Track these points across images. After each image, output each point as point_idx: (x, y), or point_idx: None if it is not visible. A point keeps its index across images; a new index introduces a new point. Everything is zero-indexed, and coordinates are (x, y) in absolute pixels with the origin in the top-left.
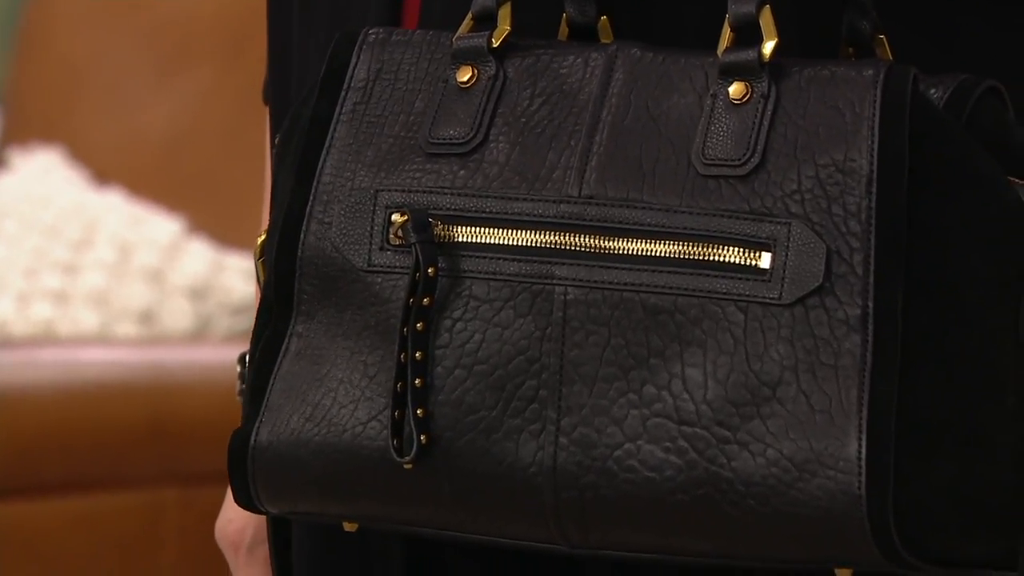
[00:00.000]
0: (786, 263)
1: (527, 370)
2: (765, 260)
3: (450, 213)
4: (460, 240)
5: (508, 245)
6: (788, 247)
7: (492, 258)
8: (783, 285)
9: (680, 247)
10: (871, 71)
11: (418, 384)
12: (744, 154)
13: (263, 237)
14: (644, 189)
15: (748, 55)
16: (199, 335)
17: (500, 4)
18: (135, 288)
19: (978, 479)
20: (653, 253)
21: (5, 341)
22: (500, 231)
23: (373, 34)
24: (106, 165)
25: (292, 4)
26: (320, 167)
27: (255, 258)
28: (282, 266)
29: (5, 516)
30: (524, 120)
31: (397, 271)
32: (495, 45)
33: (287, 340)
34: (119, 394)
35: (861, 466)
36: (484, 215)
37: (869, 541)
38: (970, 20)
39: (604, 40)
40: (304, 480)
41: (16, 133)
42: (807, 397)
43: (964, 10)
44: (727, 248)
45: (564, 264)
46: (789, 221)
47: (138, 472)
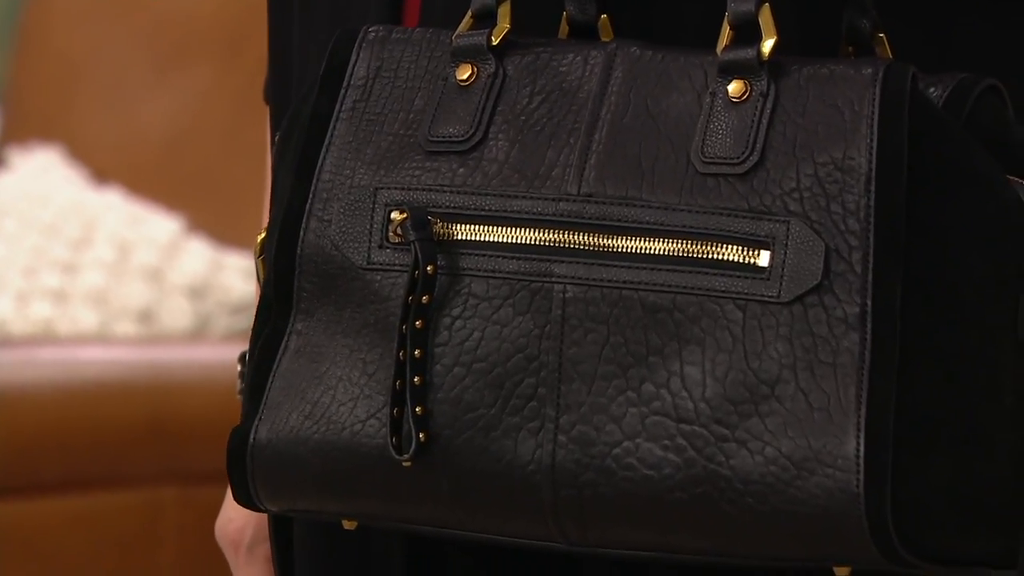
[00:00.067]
0: (785, 261)
1: (526, 368)
2: (764, 258)
3: (449, 211)
4: (459, 238)
5: (507, 243)
6: (787, 245)
7: (491, 256)
8: (782, 283)
9: (679, 245)
10: (870, 69)
11: (417, 382)
12: (743, 152)
13: (263, 235)
14: (643, 187)
15: (747, 53)
16: (198, 334)
17: (500, 2)
18: (134, 287)
19: (976, 478)
20: (652, 251)
21: (4, 340)
22: (499, 229)
23: (373, 32)
24: (105, 164)
25: (293, 4)
26: (320, 165)
27: (255, 256)
28: (281, 264)
29: (5, 515)
30: (523, 118)
31: (396, 269)
32: (495, 43)
33: (286, 338)
34: (118, 393)
35: (859, 464)
36: (483, 213)
37: (867, 539)
38: (969, 19)
39: (604, 38)
40: (303, 478)
41: (15, 132)
42: (805, 395)
43: (963, 9)
44: (726, 246)
45: (563, 262)
46: (788, 219)
47: (137, 471)
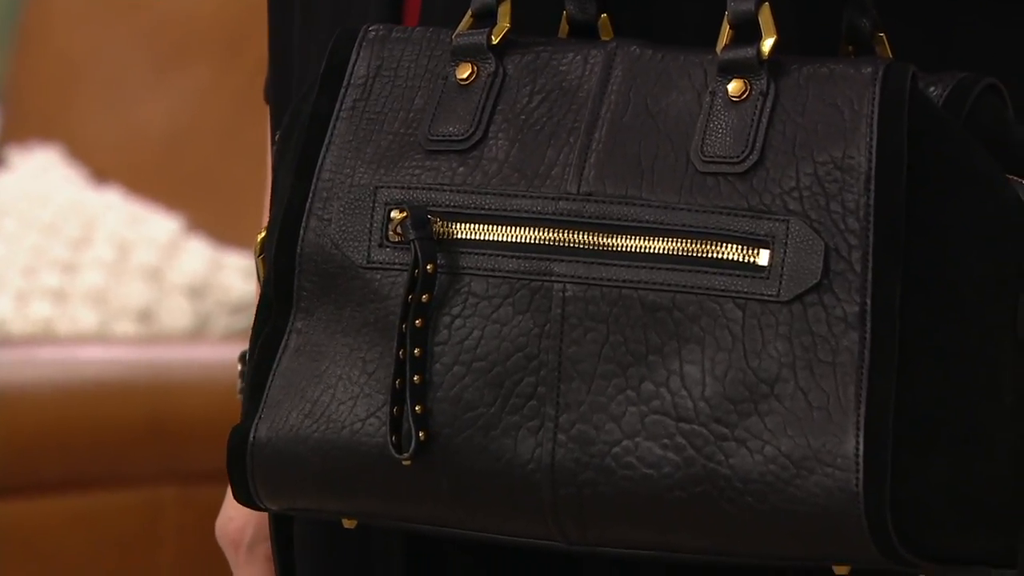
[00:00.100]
0: (784, 260)
1: (525, 367)
2: (763, 257)
3: (449, 210)
4: (459, 237)
5: (507, 242)
6: (786, 244)
7: (491, 255)
8: (781, 282)
9: (678, 244)
10: (870, 69)
11: (417, 381)
12: (743, 151)
13: (263, 234)
14: (643, 186)
15: (747, 52)
16: (198, 333)
17: (500, 1)
18: (134, 287)
19: (976, 477)
20: (651, 250)
21: (4, 340)
22: (499, 228)
23: (373, 31)
24: (105, 163)
25: (293, 4)
26: (320, 164)
27: (255, 255)
28: (281, 263)
29: (4, 515)
30: (523, 117)
31: (396, 268)
32: (495, 42)
33: (286, 337)
34: (118, 392)
35: (859, 463)
36: (483, 212)
37: (866, 538)
38: (969, 18)
39: (604, 38)
40: (303, 476)
41: (15, 131)
42: (805, 394)
43: (963, 8)
44: (725, 245)
45: (563, 261)
46: (787, 218)
47: (137, 470)
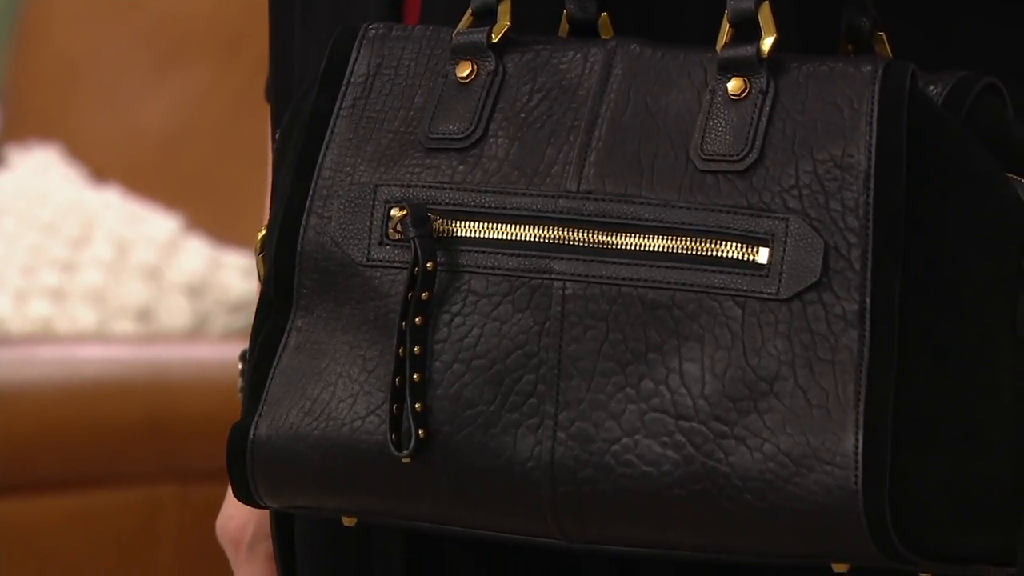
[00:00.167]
0: (784, 258)
1: (525, 365)
2: (763, 255)
3: (449, 208)
4: (459, 235)
5: (507, 240)
6: (786, 242)
7: (491, 253)
8: (781, 280)
9: (678, 242)
10: (869, 67)
11: (416, 378)
12: (742, 150)
13: (263, 232)
14: (642, 184)
15: (747, 51)
16: (197, 332)
17: (500, 0)
18: (133, 285)
19: (975, 475)
20: (651, 248)
21: (3, 339)
22: (499, 226)
23: (373, 29)
24: (104, 162)
25: (294, 3)
26: (320, 162)
27: (255, 253)
28: (282, 261)
29: (3, 513)
30: (523, 115)
31: (396, 266)
32: (495, 41)
33: (286, 335)
34: (117, 391)
35: (858, 461)
36: (483, 210)
37: (866, 536)
38: (969, 17)
39: (604, 36)
40: (303, 474)
41: (14, 130)
42: (804, 392)
43: (963, 7)
44: (725, 243)
45: (562, 259)
46: (787, 216)
47: (136, 469)
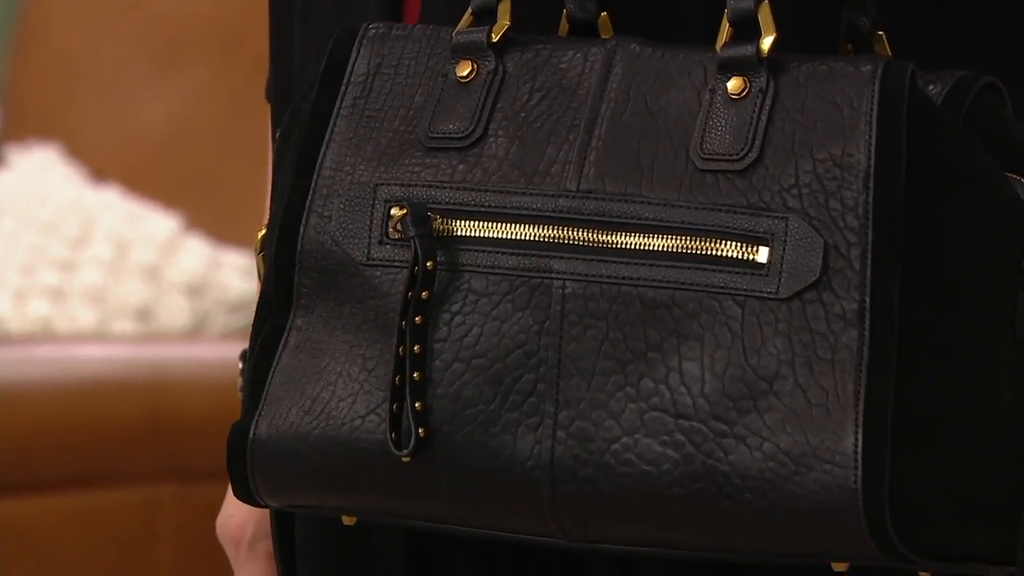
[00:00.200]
0: (783, 257)
1: (525, 364)
2: (763, 254)
3: (449, 207)
4: (459, 234)
5: (507, 239)
6: (785, 241)
7: (491, 252)
8: (780, 279)
9: (678, 241)
10: (869, 67)
11: (416, 377)
12: (742, 149)
13: (263, 232)
14: (642, 183)
15: (747, 50)
16: (196, 332)
17: (500, 0)
18: (132, 285)
19: (974, 475)
20: (651, 247)
21: (2, 338)
22: (499, 225)
23: (373, 29)
24: (103, 162)
25: (294, 3)
26: (320, 161)
27: (255, 253)
28: (282, 260)
29: (3, 513)
30: (523, 115)
31: (396, 265)
32: (495, 40)
33: (286, 334)
34: (116, 391)
35: (857, 460)
36: (483, 209)
37: (865, 535)
38: (968, 17)
39: (604, 36)
40: (303, 473)
41: (13, 130)
42: (804, 391)
43: (962, 7)
44: (725, 242)
45: (562, 258)
46: (787, 216)
47: (135, 468)
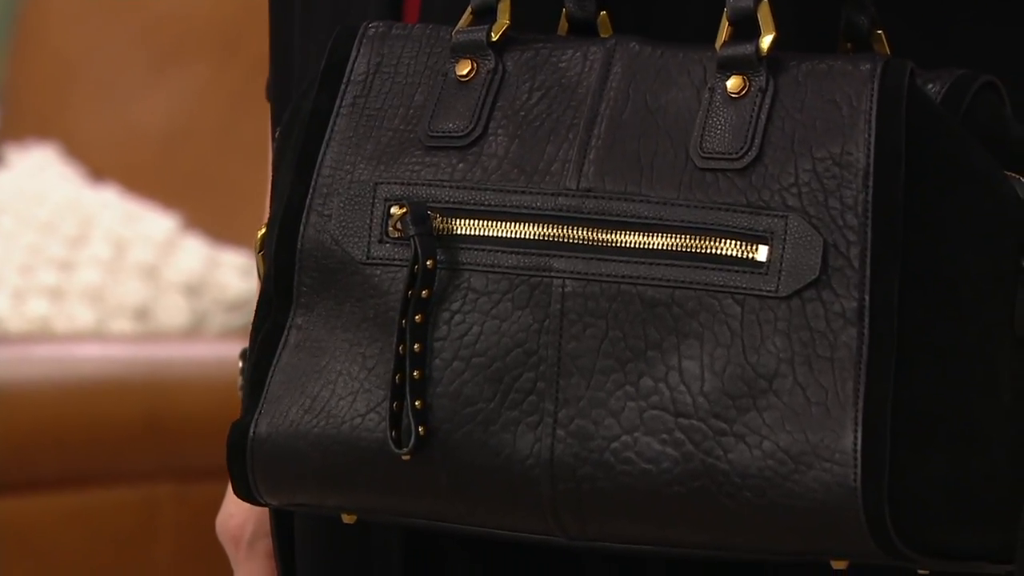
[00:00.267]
0: (783, 256)
1: (525, 362)
2: (762, 253)
3: (449, 206)
4: (459, 233)
5: (506, 238)
6: (785, 240)
7: (490, 251)
8: (780, 278)
9: (677, 240)
10: (868, 65)
11: (416, 376)
12: (742, 147)
13: (263, 231)
14: (642, 182)
15: (746, 49)
16: (194, 331)
17: None
18: (130, 284)
19: (973, 473)
20: (651, 246)
21: (1, 338)
22: (499, 224)
23: (373, 28)
24: (101, 162)
25: (294, 3)
26: (320, 160)
27: (255, 251)
28: (282, 259)
29: (1, 512)
30: (523, 114)
31: (396, 263)
32: (494, 39)
33: (286, 332)
34: (114, 390)
35: (857, 458)
36: (483, 208)
37: (865, 533)
38: (967, 15)
39: (603, 35)
40: (303, 472)
41: (12, 129)
42: (803, 389)
43: (961, 6)
44: (724, 241)
45: (562, 257)
46: (786, 214)
47: (133, 468)
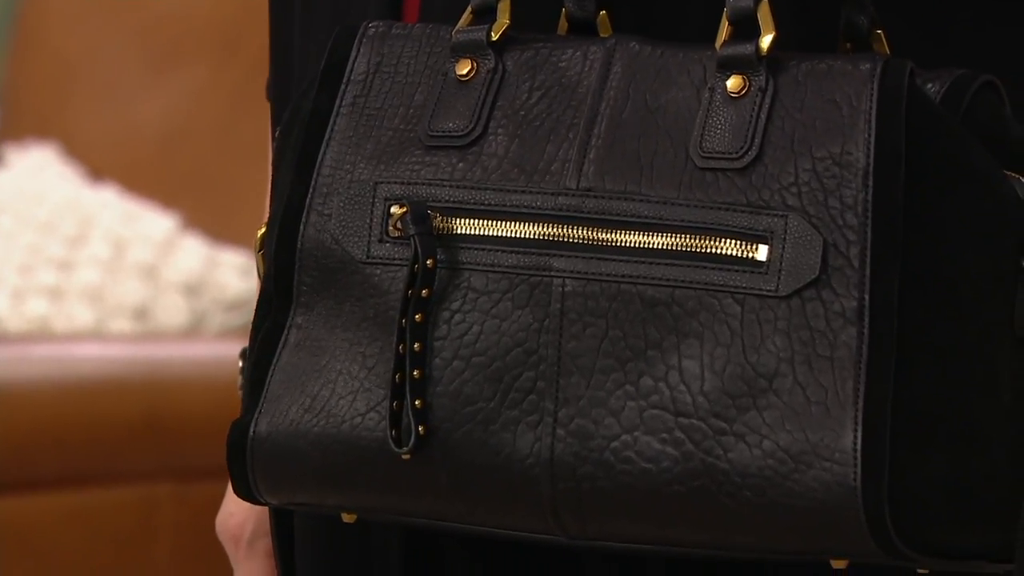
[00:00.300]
0: (783, 255)
1: (525, 362)
2: (762, 252)
3: (449, 205)
4: (459, 232)
5: (506, 237)
6: (785, 240)
7: (490, 250)
8: (780, 277)
9: (677, 239)
10: (868, 65)
11: (416, 375)
12: (741, 147)
13: (263, 230)
14: (642, 182)
15: (746, 49)
16: (193, 331)
17: None
18: (129, 284)
19: (973, 473)
20: (651, 245)
21: (0, 337)
22: (499, 223)
23: (373, 27)
24: (101, 161)
25: (294, 3)
26: (320, 160)
27: (255, 251)
28: (282, 258)
29: (1, 511)
30: (523, 113)
31: (396, 263)
32: (494, 38)
33: (286, 332)
34: (114, 390)
35: (857, 458)
36: (483, 207)
37: (865, 533)
38: (967, 15)
39: (603, 34)
40: (303, 471)
41: (11, 129)
42: (803, 389)
43: (961, 5)
44: (724, 240)
45: (562, 256)
46: (786, 214)
47: (132, 467)
